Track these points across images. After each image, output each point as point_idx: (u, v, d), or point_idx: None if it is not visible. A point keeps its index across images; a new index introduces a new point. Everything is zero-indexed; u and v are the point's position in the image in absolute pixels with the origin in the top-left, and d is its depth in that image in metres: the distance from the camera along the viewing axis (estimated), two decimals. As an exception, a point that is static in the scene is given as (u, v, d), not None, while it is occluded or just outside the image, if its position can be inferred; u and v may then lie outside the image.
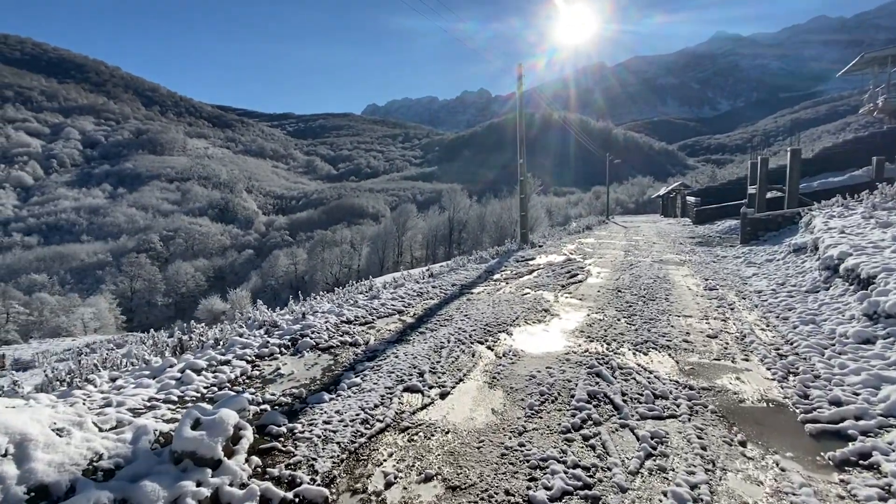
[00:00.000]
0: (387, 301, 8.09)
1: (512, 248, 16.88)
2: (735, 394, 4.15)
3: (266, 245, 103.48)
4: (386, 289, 9.52)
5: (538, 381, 4.42)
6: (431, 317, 7.16)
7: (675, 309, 7.29)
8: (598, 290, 8.94)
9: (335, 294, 8.93)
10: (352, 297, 8.64)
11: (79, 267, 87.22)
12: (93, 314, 52.97)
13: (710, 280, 9.65)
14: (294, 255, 74.99)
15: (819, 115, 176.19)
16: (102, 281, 75.93)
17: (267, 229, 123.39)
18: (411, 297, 8.55)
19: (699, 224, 25.91)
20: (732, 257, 12.72)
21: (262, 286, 70.94)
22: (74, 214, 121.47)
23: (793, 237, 12.08)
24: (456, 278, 10.90)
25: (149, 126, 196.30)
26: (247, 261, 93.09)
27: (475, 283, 10.20)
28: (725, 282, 9.43)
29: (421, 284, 9.97)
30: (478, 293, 9.06)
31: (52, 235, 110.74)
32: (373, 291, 8.96)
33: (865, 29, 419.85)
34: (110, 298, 63.95)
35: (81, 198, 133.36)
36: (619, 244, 17.91)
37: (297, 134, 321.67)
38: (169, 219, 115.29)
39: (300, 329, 5.96)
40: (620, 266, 12.05)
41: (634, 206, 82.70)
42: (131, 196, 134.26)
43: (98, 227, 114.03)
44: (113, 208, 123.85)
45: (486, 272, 11.75)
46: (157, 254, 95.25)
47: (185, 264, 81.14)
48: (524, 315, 7.11)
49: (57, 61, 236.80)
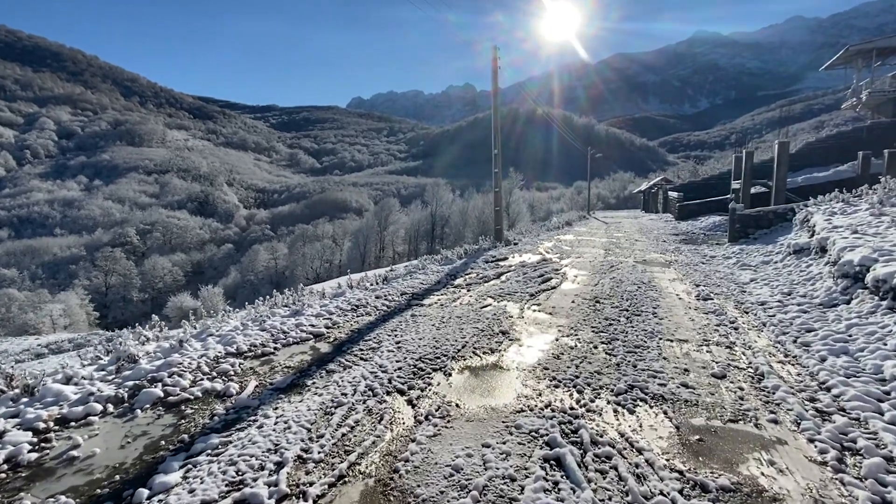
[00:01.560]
0: (308, 318, 6.46)
1: (484, 247, 15.39)
2: (774, 500, 2.62)
3: (246, 239, 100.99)
4: (322, 298, 7.90)
5: (461, 484, 2.79)
6: (354, 344, 5.55)
7: (665, 329, 5.84)
8: (573, 301, 7.51)
9: (253, 308, 7.25)
10: (271, 311, 6.98)
11: (51, 261, 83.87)
12: (62, 311, 50.33)
13: (702, 287, 8.34)
14: (274, 250, 73.06)
15: (794, 114, 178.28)
16: (76, 276, 72.93)
17: (248, 223, 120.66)
18: (342, 313, 6.94)
19: (682, 220, 24.88)
20: (722, 258, 11.57)
21: (241, 281, 69.22)
22: (48, 207, 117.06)
23: (787, 236, 11.06)
24: (410, 284, 9.38)
25: (127, 117, 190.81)
26: (226, 255, 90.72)
27: (430, 291, 8.71)
28: (720, 288, 8.17)
29: (366, 293, 8.40)
30: (428, 305, 7.55)
31: (23, 229, 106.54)
32: (297, 305, 7.29)
33: (840, 29, 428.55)
34: (82, 294, 61.28)
35: (55, 190, 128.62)
36: (600, 242, 16.64)
37: (280, 126, 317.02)
38: (146, 212, 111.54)
39: (157, 369, 4.28)
40: (600, 268, 10.69)
41: (616, 202, 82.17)
42: (107, 188, 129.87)
43: (72, 220, 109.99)
44: (88, 201, 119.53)
45: (447, 276, 10.27)
46: (133, 248, 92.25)
47: (163, 259, 78.65)
48: (475, 340, 5.53)
49: (32, 49, 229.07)
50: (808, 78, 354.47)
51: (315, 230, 74.50)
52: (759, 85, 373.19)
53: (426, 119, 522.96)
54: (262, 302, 7.57)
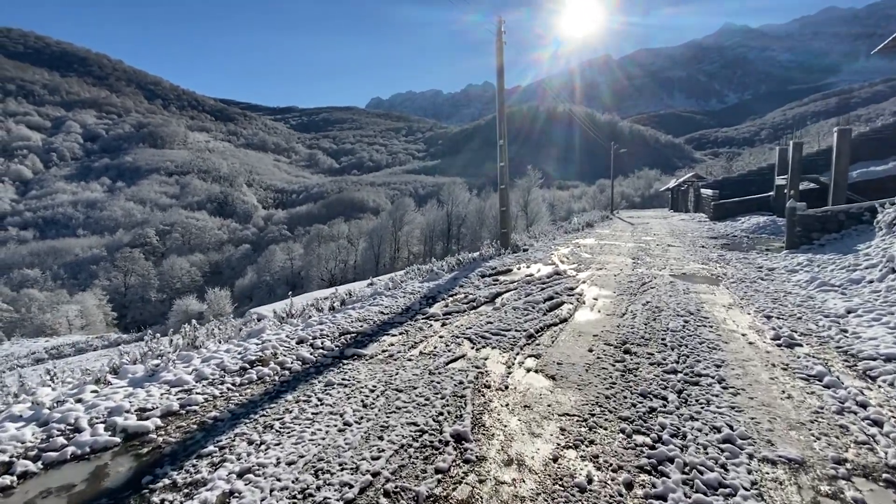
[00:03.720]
0: (158, 388, 4.55)
1: (486, 255, 13.21)
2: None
3: (264, 240, 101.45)
4: (221, 343, 6.13)
5: None
6: (179, 464, 3.18)
7: (752, 425, 3.43)
8: (591, 348, 5.23)
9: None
10: (117, 365, 5.28)
11: (73, 262, 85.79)
12: (78, 311, 50.65)
13: (775, 319, 5.99)
14: (291, 251, 72.96)
15: (829, 108, 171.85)
16: (96, 276, 74.10)
17: (265, 223, 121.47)
18: (222, 379, 4.78)
19: (718, 220, 22.76)
20: (786, 271, 9.23)
21: (257, 282, 69.27)
22: (71, 208, 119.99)
23: (869, 242, 8.96)
24: (364, 315, 7.23)
25: (150, 119, 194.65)
26: (243, 256, 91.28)
27: (387, 327, 6.48)
28: (804, 324, 5.78)
29: (292, 331, 6.49)
30: (370, 358, 5.22)
31: (48, 230, 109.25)
32: (160, 362, 5.17)
33: (878, 20, 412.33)
34: (100, 294, 62.02)
35: (79, 191, 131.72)
36: (626, 247, 14.49)
37: (300, 128, 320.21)
38: (166, 213, 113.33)
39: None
40: (628, 286, 8.58)
41: (640, 201, 79.64)
42: (129, 190, 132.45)
43: (95, 221, 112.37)
44: (110, 202, 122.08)
45: (424, 298, 8.23)
46: (152, 248, 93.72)
47: (181, 259, 79.52)
48: (399, 466, 3.03)
49: (60, 55, 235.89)
50: (843, 71, 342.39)
51: (331, 230, 74.05)
52: (791, 79, 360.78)
53: (445, 118, 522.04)
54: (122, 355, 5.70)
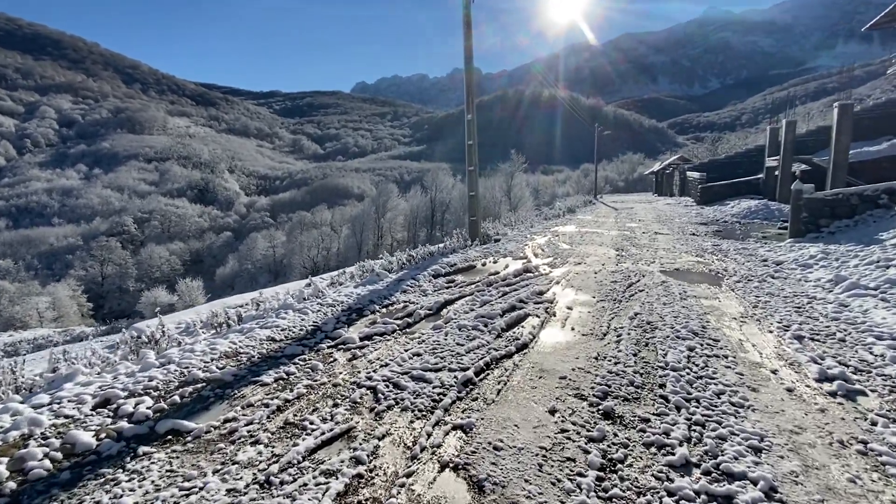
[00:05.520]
0: None
1: (449, 247, 11.46)
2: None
3: (246, 227, 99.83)
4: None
5: None
6: None
7: None
8: (552, 411, 3.20)
9: None
10: None
11: (47, 252, 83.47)
12: (49, 303, 49.16)
13: (809, 342, 4.34)
14: (273, 238, 71.79)
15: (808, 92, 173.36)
16: (72, 266, 72.25)
17: (248, 211, 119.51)
18: None
19: (705, 204, 22.12)
20: (797, 266, 7.72)
21: (239, 270, 68.23)
22: (46, 196, 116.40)
23: (894, 231, 7.86)
24: (247, 341, 5.08)
25: (128, 104, 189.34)
26: (225, 244, 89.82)
27: (262, 367, 4.28)
28: (850, 350, 4.14)
29: (110, 379, 4.21)
30: (190, 440, 2.99)
31: (21, 218, 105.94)
32: None
33: (857, 6, 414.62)
34: (74, 285, 60.38)
35: (55, 179, 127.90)
36: (609, 236, 13.18)
37: (283, 112, 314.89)
38: (145, 200, 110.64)
39: None
40: (611, 287, 6.91)
41: (624, 185, 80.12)
42: (107, 177, 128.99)
43: (71, 209, 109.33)
44: (87, 190, 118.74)
45: (346, 312, 6.17)
46: (130, 237, 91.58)
47: (160, 248, 77.81)
48: None
49: (32, 37, 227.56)
50: (822, 55, 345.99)
51: (313, 217, 73.07)
52: (772, 64, 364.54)
53: (431, 103, 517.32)
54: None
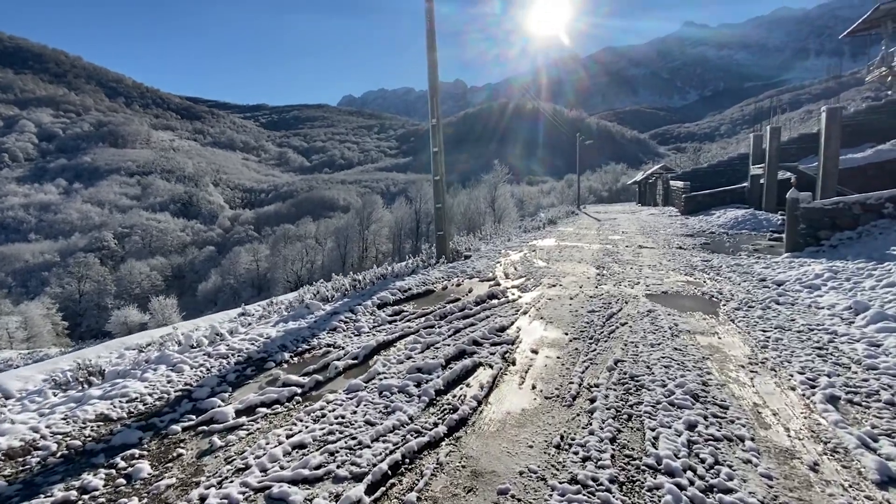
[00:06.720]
0: None
1: (408, 267, 10.09)
2: None
3: (230, 241, 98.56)
4: None
5: None
6: None
7: None
8: None
9: None
10: None
11: (22, 269, 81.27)
12: (19, 322, 47.47)
13: (848, 405, 3.48)
14: (256, 252, 70.75)
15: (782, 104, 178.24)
16: (48, 283, 70.45)
17: (232, 224, 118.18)
18: None
19: (690, 215, 21.69)
20: (802, 287, 6.83)
21: (221, 285, 67.12)
22: (23, 212, 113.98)
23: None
24: (67, 427, 3.59)
25: (110, 118, 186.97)
26: (207, 258, 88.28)
27: (41, 483, 2.87)
28: None
29: None
30: None
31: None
32: None
33: (827, 20, 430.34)
34: (49, 303, 58.65)
35: (32, 194, 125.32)
36: (589, 251, 12.44)
37: (270, 126, 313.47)
38: (126, 215, 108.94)
39: None
40: (587, 320, 5.95)
41: (608, 195, 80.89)
42: (87, 191, 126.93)
43: (49, 224, 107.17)
44: (66, 205, 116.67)
45: (242, 364, 4.86)
46: (110, 252, 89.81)
47: (140, 263, 76.03)
48: None
49: (13, 50, 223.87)
50: (795, 68, 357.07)
51: (298, 230, 72.39)
52: (747, 76, 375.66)
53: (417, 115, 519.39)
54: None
